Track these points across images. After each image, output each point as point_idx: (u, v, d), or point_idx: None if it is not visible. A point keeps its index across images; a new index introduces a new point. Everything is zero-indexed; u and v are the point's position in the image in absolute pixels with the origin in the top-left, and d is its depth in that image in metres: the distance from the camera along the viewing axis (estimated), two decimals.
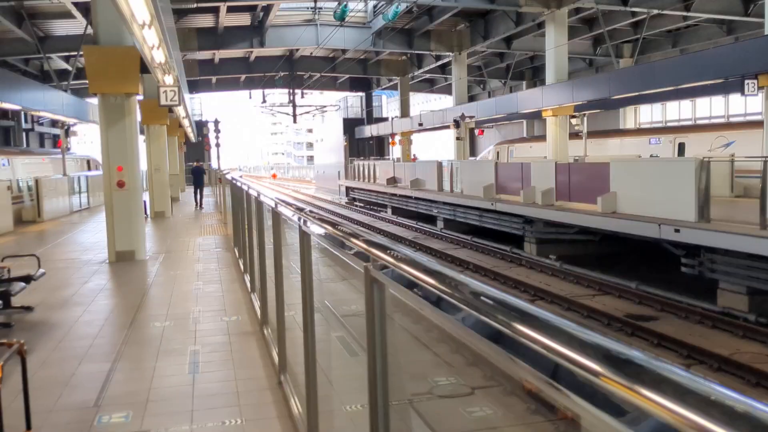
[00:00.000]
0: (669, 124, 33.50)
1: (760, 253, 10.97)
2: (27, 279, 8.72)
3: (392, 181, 31.25)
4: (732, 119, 29.82)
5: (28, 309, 8.89)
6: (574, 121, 27.30)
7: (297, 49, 38.80)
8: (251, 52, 37.65)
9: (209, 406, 5.30)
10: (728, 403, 0.78)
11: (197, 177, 29.25)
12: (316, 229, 3.55)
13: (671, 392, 0.84)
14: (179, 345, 7.12)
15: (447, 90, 46.01)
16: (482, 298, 1.47)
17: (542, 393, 1.13)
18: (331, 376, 4.27)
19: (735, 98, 28.44)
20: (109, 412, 5.20)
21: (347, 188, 41.70)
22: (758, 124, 19.19)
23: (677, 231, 12.63)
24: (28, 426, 4.54)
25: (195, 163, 32.49)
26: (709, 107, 31.95)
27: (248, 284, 9.59)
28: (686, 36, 31.22)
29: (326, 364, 4.17)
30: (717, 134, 23.53)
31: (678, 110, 33.96)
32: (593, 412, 0.96)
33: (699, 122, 31.84)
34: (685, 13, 25.50)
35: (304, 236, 3.94)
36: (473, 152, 45.37)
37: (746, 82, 15.84)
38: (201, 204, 28.31)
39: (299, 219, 4.03)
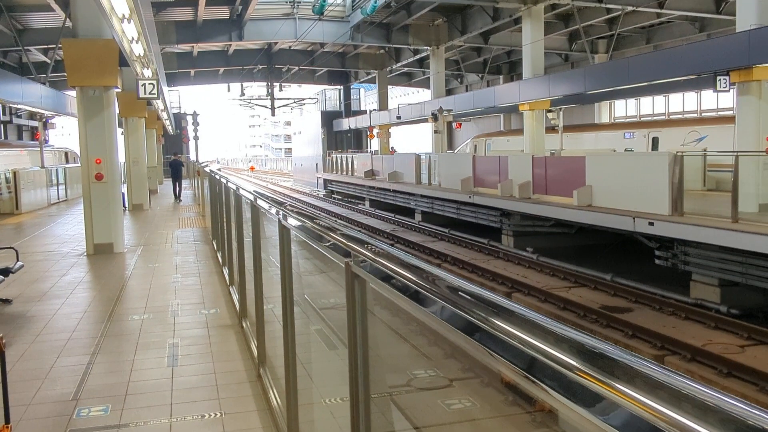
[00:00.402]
0: (643, 119, 33.74)
1: (732, 246, 11.12)
2: (5, 272, 8.63)
3: (370, 173, 31.23)
4: (704, 114, 30.13)
5: (6, 302, 8.81)
6: (550, 115, 27.42)
7: (275, 43, 38.60)
8: (230, 45, 37.40)
9: (188, 399, 5.28)
10: (699, 396, 0.80)
11: (175, 170, 29.11)
12: (295, 223, 3.54)
13: (643, 386, 0.86)
14: (158, 338, 7.09)
15: (425, 84, 46.01)
16: (460, 293, 1.49)
17: (520, 385, 1.15)
18: (310, 370, 4.27)
19: (707, 94, 28.71)
20: (88, 406, 5.17)
21: (325, 181, 41.63)
22: (730, 119, 19.41)
23: (651, 224, 12.76)
24: (7, 419, 4.50)
25: (173, 157, 32.25)
26: (682, 102, 32.24)
27: (227, 277, 9.56)
28: (660, 32, 31.46)
29: (305, 358, 4.17)
30: (690, 129, 23.75)
31: (652, 105, 34.24)
32: (569, 405, 0.98)
33: (672, 117, 32.11)
34: (658, 10, 25.71)
35: (284, 230, 3.93)
36: (451, 145, 45.44)
37: (718, 78, 16.00)
38: (179, 196, 28.17)
39: (279, 213, 4.02)
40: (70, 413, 5.02)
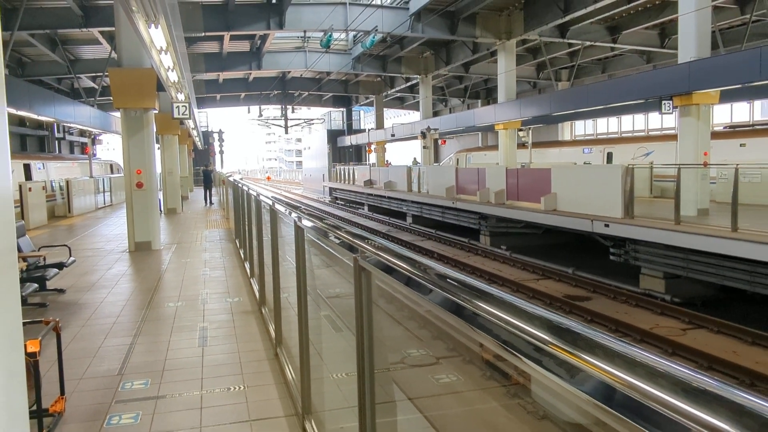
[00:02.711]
0: (599, 137, 33.80)
1: (675, 244, 11.16)
2: (60, 265, 8.64)
3: (369, 182, 31.21)
4: (651, 133, 30.20)
5: (60, 291, 8.81)
6: (521, 133, 27.48)
7: (289, 72, 38.53)
8: (250, 73, 37.35)
9: (216, 374, 5.28)
10: (651, 363, 0.82)
11: (207, 178, 29.07)
12: (309, 224, 3.55)
13: (603, 355, 0.88)
14: (190, 322, 7.08)
15: (415, 106, 46.03)
16: (447, 279, 1.50)
17: (497, 362, 1.16)
18: (319, 349, 4.27)
19: (654, 115, 28.78)
20: (131, 379, 5.17)
21: (330, 189, 41.57)
22: (673, 137, 19.46)
23: (607, 225, 12.79)
24: (62, 391, 4.51)
25: (205, 167, 32.14)
26: (632, 123, 32.30)
27: (248, 270, 9.55)
28: (613, 63, 31.52)
29: (316, 339, 4.18)
30: (639, 145, 23.81)
31: (607, 125, 34.28)
32: (541, 372, 0.99)
33: (624, 135, 32.17)
34: (612, 45, 25.76)
35: (299, 230, 3.93)
36: (437, 159, 45.44)
37: (663, 102, 16.03)
38: (211, 200, 28.09)
39: (295, 216, 4.02)
40: (116, 386, 5.02)
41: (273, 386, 4.95)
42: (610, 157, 25.10)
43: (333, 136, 50.41)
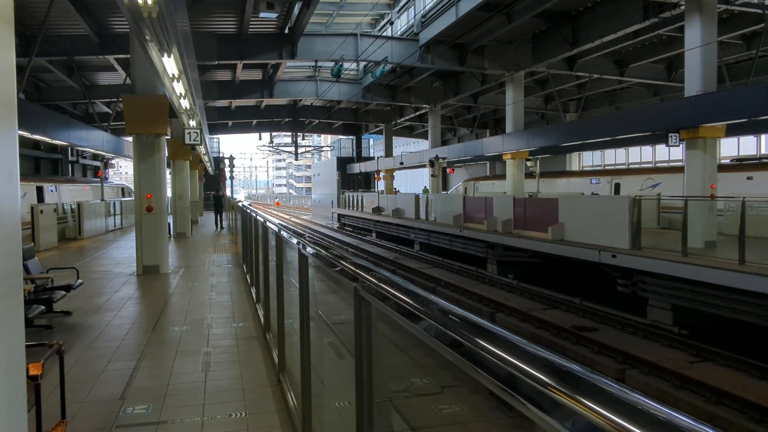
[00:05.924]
0: (607, 168, 33.78)
1: (682, 276, 11.05)
2: (67, 288, 8.63)
3: (377, 210, 31.22)
4: (658, 164, 30.16)
5: (67, 313, 8.79)
6: (529, 163, 27.50)
7: (300, 100, 38.90)
8: (262, 101, 37.71)
9: (218, 400, 5.22)
10: (652, 411, 0.78)
11: (217, 203, 29.19)
12: (312, 252, 3.52)
13: (605, 401, 0.84)
14: (194, 347, 7.03)
15: (424, 135, 46.21)
16: (450, 315, 1.47)
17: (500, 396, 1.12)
18: (322, 376, 4.21)
19: (661, 147, 28.76)
20: (132, 404, 5.11)
21: (339, 215, 41.61)
22: (680, 169, 19.42)
23: (614, 256, 12.70)
24: (63, 415, 4.46)
25: (216, 192, 32.31)
26: (640, 154, 32.29)
27: (254, 295, 9.51)
28: (620, 96, 31.63)
29: (318, 366, 4.12)
30: (646, 177, 23.75)
31: (614, 156, 34.30)
32: (540, 415, 0.96)
33: (631, 166, 32.14)
34: (619, 78, 25.88)
35: (303, 258, 3.91)
36: (445, 187, 45.49)
37: (670, 135, 16.02)
38: (222, 225, 28.13)
39: (299, 243, 4.00)
40: (117, 411, 4.97)
41: (274, 413, 4.88)
42: (617, 188, 25.04)
43: (342, 163, 50.69)
